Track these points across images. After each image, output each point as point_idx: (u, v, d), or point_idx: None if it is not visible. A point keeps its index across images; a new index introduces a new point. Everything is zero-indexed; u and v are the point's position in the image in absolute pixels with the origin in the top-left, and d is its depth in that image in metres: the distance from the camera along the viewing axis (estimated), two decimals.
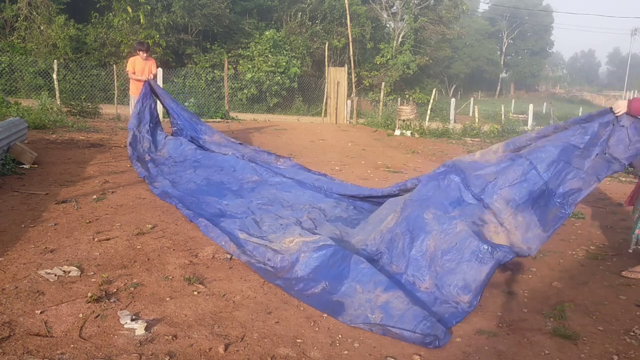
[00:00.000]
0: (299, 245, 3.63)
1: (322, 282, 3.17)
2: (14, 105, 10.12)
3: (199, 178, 5.88)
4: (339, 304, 2.99)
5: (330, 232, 4.21)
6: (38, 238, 3.71)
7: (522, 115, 21.64)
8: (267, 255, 3.57)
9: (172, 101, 7.82)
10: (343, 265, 3.26)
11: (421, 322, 2.70)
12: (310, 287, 3.18)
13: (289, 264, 3.41)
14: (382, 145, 11.67)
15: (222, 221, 4.41)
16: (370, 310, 2.88)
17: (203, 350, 2.40)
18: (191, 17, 20.74)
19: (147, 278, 3.17)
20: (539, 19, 54.56)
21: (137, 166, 6.28)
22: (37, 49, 18.81)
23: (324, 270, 3.26)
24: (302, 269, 3.32)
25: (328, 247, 3.44)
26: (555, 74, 76.79)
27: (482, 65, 49.87)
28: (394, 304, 2.85)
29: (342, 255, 3.34)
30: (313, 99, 23.78)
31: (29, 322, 2.51)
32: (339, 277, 3.19)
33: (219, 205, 4.94)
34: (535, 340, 2.78)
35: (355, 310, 2.91)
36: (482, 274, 3.10)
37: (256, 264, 3.52)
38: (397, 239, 3.50)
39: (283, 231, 4.13)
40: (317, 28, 25.65)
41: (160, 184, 5.48)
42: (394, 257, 3.44)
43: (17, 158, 6.05)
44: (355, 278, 3.14)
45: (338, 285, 3.14)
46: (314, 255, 3.39)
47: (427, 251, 3.33)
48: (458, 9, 30.47)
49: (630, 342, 2.82)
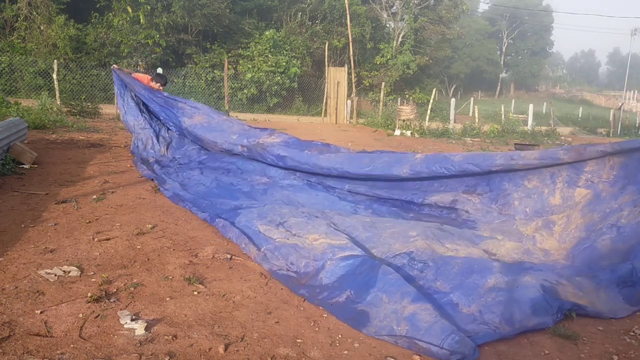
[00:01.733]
0: (324, 247, 3.55)
1: (346, 291, 3.08)
2: (14, 105, 10.12)
3: (208, 180, 5.83)
4: (363, 314, 2.88)
5: (356, 230, 4.05)
6: (38, 238, 3.71)
7: (522, 115, 21.65)
8: (290, 259, 3.49)
9: (143, 88, 7.28)
10: (370, 274, 3.15)
11: (449, 337, 2.56)
12: (334, 295, 3.08)
13: (314, 270, 3.33)
14: (382, 145, 11.67)
15: (240, 213, 4.34)
16: (396, 321, 2.76)
17: (203, 350, 2.40)
18: (191, 17, 20.74)
19: (147, 278, 3.17)
20: (539, 19, 54.56)
21: (143, 169, 6.29)
22: (37, 49, 18.80)
23: (350, 279, 3.17)
24: (327, 277, 3.24)
25: (356, 257, 3.35)
26: (555, 74, 76.79)
27: (482, 65, 49.86)
28: (421, 315, 2.73)
29: (370, 265, 3.25)
30: (313, 99, 23.78)
31: (29, 322, 2.51)
32: (365, 286, 3.08)
33: (234, 203, 4.87)
34: (535, 340, 2.78)
35: (381, 322, 2.80)
36: (532, 322, 2.94)
37: (279, 272, 3.44)
38: (453, 262, 3.45)
39: (306, 220, 4.03)
40: (317, 28, 25.64)
41: (171, 187, 5.44)
42: (443, 276, 3.33)
43: (17, 158, 6.05)
44: (382, 288, 3.02)
45: (363, 294, 3.02)
46: (340, 264, 3.30)
47: (484, 286, 3.21)
48: (458, 9, 30.46)
49: (630, 342, 2.82)
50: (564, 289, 3.24)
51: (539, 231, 4.04)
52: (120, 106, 7.53)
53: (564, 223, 3.96)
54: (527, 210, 4.21)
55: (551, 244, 3.93)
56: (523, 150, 11.13)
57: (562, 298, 3.15)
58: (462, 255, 3.61)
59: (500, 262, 3.59)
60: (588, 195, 3.96)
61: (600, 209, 3.83)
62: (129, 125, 7.35)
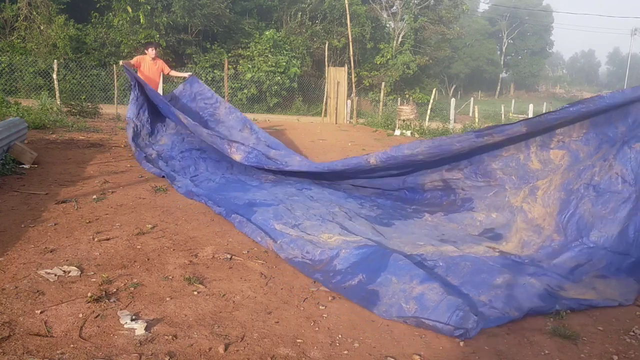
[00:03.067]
0: (338, 242, 3.74)
1: (359, 275, 3.25)
2: (14, 105, 10.10)
3: (217, 177, 6.07)
4: (373, 293, 3.05)
5: (368, 228, 4.29)
6: (38, 238, 3.71)
7: (522, 115, 21.66)
8: (306, 248, 3.67)
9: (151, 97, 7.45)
10: (382, 261, 3.34)
11: (454, 313, 2.73)
12: (347, 279, 3.25)
13: (328, 258, 3.51)
14: (382, 145, 11.67)
15: (255, 211, 4.51)
16: (404, 300, 2.91)
17: (203, 350, 2.40)
18: (191, 17, 20.73)
19: (147, 278, 3.17)
20: (539, 19, 54.56)
21: (149, 167, 6.44)
22: (37, 49, 18.79)
23: (362, 265, 3.35)
24: (341, 263, 3.42)
25: (369, 246, 3.58)
26: (555, 74, 76.80)
27: (482, 65, 49.86)
28: (429, 295, 2.88)
29: (382, 253, 3.45)
30: (313, 99, 23.77)
31: (29, 322, 2.51)
32: (376, 270, 3.26)
33: (247, 197, 5.11)
34: (535, 340, 2.77)
35: (390, 299, 2.95)
36: (537, 304, 3.13)
37: (294, 259, 3.61)
38: (463, 263, 3.59)
39: (319, 222, 4.25)
40: (317, 28, 25.63)
41: (183, 183, 5.62)
42: (453, 273, 3.46)
43: (17, 158, 6.05)
44: (392, 271, 3.20)
45: (374, 277, 3.20)
46: (354, 252, 3.50)
47: (492, 283, 3.34)
48: (458, 9, 30.46)
49: (630, 342, 2.82)
50: (566, 293, 3.32)
51: (526, 200, 4.21)
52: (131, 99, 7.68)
53: (546, 187, 4.13)
54: (514, 179, 4.40)
55: (538, 211, 4.08)
56: None
57: (566, 296, 3.27)
58: (470, 254, 3.78)
59: (506, 260, 3.75)
60: (565, 156, 4.06)
61: (577, 168, 3.97)
62: (130, 110, 7.52)
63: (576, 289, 3.36)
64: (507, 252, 3.94)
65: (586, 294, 3.29)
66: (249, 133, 7.67)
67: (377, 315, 2.89)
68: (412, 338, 2.72)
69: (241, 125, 7.84)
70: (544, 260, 3.76)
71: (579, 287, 3.39)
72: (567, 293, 3.30)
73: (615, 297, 3.31)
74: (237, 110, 8.26)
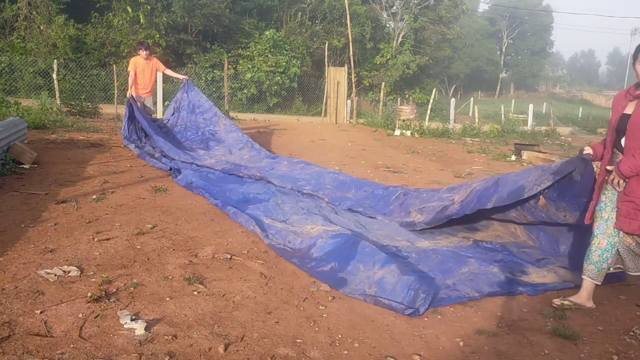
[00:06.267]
0: (319, 232, 4.11)
1: (332, 263, 3.57)
2: (13, 105, 10.10)
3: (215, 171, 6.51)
4: (342, 280, 3.37)
5: (352, 220, 4.75)
6: (38, 238, 3.71)
7: (522, 115, 21.62)
8: (288, 238, 4.05)
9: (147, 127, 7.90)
10: (352, 249, 3.63)
11: (408, 293, 3.00)
12: (321, 265, 3.59)
13: (307, 247, 3.86)
14: (382, 145, 11.68)
15: (248, 208, 4.91)
16: (367, 285, 3.23)
17: (203, 350, 2.40)
18: (191, 17, 20.73)
19: (147, 278, 3.17)
20: (539, 19, 54.58)
21: (154, 162, 6.83)
22: (37, 48, 18.79)
23: (335, 253, 3.67)
24: (317, 252, 3.76)
25: (344, 235, 3.91)
26: (555, 74, 76.85)
27: (482, 65, 49.89)
28: (388, 279, 3.18)
29: (353, 242, 3.75)
30: (313, 99, 23.77)
31: (29, 322, 2.51)
32: (346, 258, 3.56)
33: (242, 189, 5.59)
34: (535, 340, 2.78)
35: (356, 286, 3.28)
36: (495, 289, 3.47)
37: (276, 246, 3.97)
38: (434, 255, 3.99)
39: (306, 216, 4.65)
40: (317, 28, 25.63)
41: (183, 176, 5.94)
42: (424, 263, 3.83)
43: (17, 158, 6.05)
44: (360, 259, 3.49)
45: (345, 265, 3.50)
46: (330, 241, 3.83)
47: (459, 271, 3.72)
48: (458, 9, 30.46)
49: (630, 342, 2.82)
50: (528, 277, 3.71)
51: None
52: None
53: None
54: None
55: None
56: (523, 149, 11.16)
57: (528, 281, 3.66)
58: (443, 247, 4.19)
59: (478, 247, 4.22)
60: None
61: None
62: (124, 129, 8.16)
63: (539, 272, 3.75)
64: (480, 240, 4.40)
65: (546, 278, 3.66)
66: (248, 151, 7.89)
67: (342, 293, 3.22)
68: (412, 338, 2.72)
69: (242, 144, 8.15)
70: (514, 249, 4.22)
71: (542, 271, 3.77)
72: (530, 277, 3.67)
73: (573, 279, 3.62)
74: (238, 129, 8.50)
